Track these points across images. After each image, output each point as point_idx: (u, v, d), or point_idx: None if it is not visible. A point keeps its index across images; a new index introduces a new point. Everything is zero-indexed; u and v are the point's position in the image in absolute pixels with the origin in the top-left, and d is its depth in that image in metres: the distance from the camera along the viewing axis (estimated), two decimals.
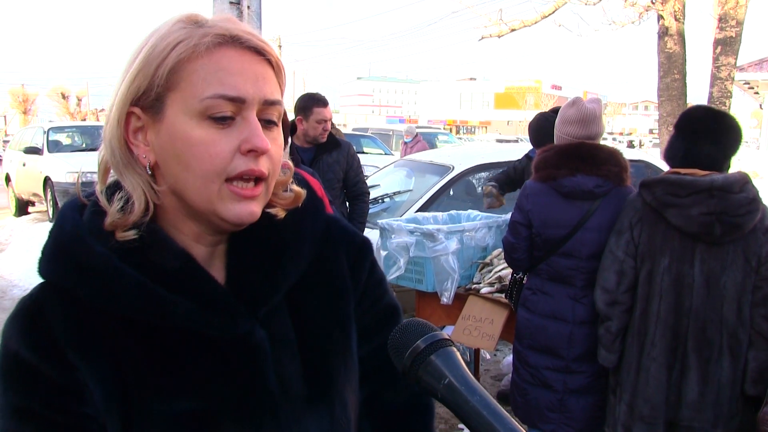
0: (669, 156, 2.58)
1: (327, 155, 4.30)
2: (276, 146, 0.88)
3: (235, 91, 0.82)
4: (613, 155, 2.86)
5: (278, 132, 0.89)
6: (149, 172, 0.87)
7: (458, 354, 0.72)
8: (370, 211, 4.85)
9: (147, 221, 0.86)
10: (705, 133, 2.47)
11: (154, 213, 0.88)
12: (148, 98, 0.84)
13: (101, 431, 0.85)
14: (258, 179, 0.85)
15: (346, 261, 1.04)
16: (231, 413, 0.88)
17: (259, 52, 0.86)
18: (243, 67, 0.84)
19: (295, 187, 0.98)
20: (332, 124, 4.64)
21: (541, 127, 3.94)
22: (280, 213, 0.96)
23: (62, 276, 0.86)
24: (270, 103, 0.86)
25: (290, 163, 0.99)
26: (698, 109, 2.66)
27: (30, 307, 0.86)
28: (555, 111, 3.73)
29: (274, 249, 0.94)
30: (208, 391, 0.87)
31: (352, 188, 4.49)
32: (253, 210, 0.86)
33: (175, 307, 0.85)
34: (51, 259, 0.87)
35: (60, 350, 0.83)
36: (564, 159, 2.84)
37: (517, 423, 0.67)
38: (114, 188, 0.89)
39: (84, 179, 10.83)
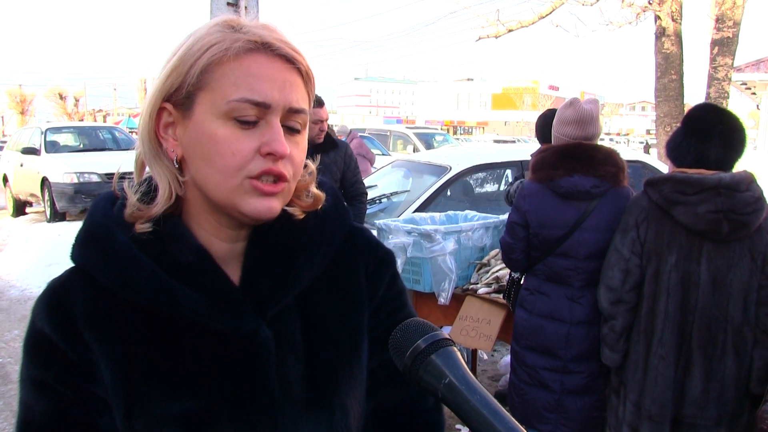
0: (675, 156, 2.55)
1: (324, 156, 4.30)
2: (299, 151, 0.91)
3: (261, 96, 0.85)
4: (611, 156, 2.86)
5: (302, 138, 0.92)
6: (176, 166, 0.91)
7: (459, 354, 0.73)
8: (368, 211, 4.85)
9: (170, 213, 0.92)
10: (714, 135, 2.45)
11: (179, 207, 0.93)
12: (179, 95, 0.88)
13: (107, 412, 0.89)
14: (278, 179, 0.88)
15: (365, 271, 1.05)
16: (228, 410, 0.90)
17: (290, 60, 0.88)
18: (272, 74, 0.87)
19: (315, 191, 1.01)
20: (328, 124, 4.65)
21: (549, 124, 3.85)
22: (298, 213, 0.98)
23: (87, 262, 0.92)
24: (294, 111, 0.89)
25: (313, 167, 1.01)
26: (705, 109, 2.62)
27: (57, 288, 0.92)
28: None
29: (289, 251, 0.96)
30: (208, 386, 0.90)
31: (350, 189, 4.49)
32: (271, 205, 0.88)
33: (183, 299, 0.89)
34: (80, 245, 0.93)
35: (77, 330, 0.89)
36: (561, 159, 2.84)
37: (517, 423, 0.67)
38: (146, 183, 0.94)
39: (82, 180, 10.90)
